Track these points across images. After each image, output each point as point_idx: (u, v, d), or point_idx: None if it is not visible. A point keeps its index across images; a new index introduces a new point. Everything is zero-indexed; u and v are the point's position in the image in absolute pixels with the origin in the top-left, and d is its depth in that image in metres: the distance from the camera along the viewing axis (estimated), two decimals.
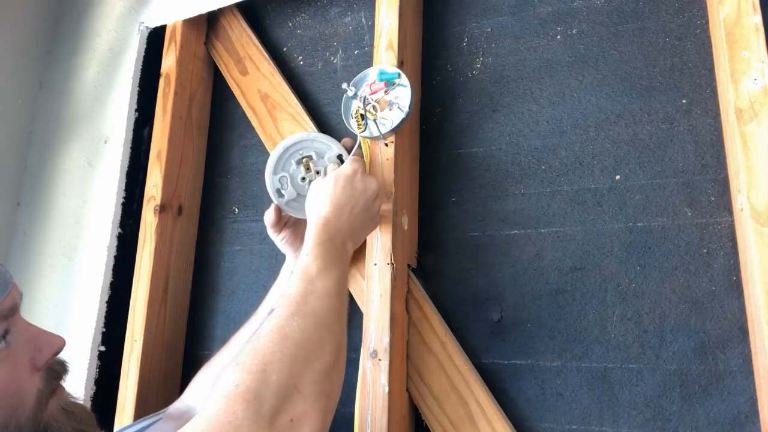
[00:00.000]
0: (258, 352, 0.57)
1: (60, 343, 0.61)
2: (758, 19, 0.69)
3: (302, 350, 0.58)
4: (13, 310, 0.58)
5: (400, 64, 0.87)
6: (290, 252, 0.90)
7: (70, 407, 0.62)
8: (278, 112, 1.03)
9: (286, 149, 0.87)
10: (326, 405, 0.57)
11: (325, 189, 0.77)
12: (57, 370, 0.61)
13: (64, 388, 0.62)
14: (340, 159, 0.88)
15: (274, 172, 0.87)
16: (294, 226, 0.89)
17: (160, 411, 0.85)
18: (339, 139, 1.00)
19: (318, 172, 0.88)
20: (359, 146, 0.85)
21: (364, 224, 0.78)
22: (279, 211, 0.87)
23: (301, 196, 0.86)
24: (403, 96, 0.84)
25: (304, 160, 0.88)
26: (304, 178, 0.87)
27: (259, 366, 0.55)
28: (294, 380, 0.55)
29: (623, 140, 0.81)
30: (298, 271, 0.67)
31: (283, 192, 0.87)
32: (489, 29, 0.94)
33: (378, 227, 0.82)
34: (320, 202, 0.76)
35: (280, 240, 0.89)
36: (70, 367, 0.63)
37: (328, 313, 0.64)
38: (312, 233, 0.72)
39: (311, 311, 0.62)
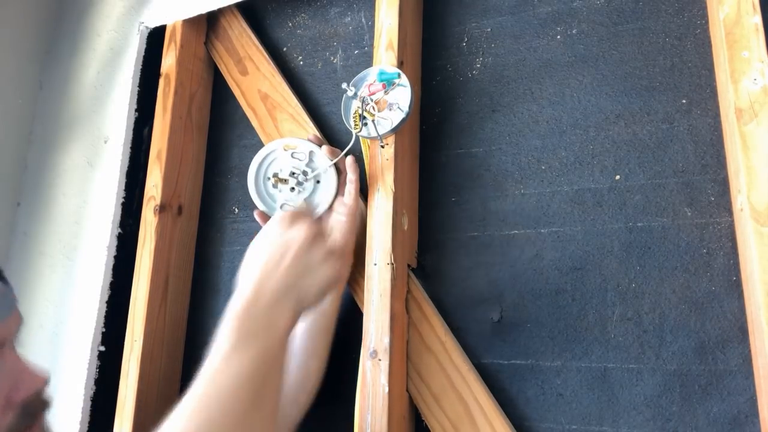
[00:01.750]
0: None
1: (40, 384, 0.57)
2: (758, 19, 0.69)
3: None
4: (2, 343, 0.54)
5: (400, 64, 0.87)
6: None
7: None
8: (278, 112, 1.03)
9: (258, 192, 0.85)
10: None
11: (250, 249, 0.69)
12: (33, 409, 0.56)
13: (39, 427, 0.57)
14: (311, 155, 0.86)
15: (280, 207, 0.85)
16: None
17: None
18: (336, 141, 1.00)
19: (293, 173, 0.86)
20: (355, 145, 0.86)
21: (305, 277, 0.66)
22: (263, 215, 0.86)
23: (308, 199, 0.86)
24: (402, 96, 0.84)
25: (273, 180, 0.86)
26: (293, 188, 0.86)
27: None
28: None
29: (623, 140, 0.81)
30: (215, 344, 0.59)
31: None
32: (489, 29, 0.94)
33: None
34: (244, 265, 0.67)
35: None
36: (53, 401, 0.58)
37: (235, 405, 0.54)
38: (230, 303, 0.63)
39: (216, 406, 0.54)
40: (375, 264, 0.81)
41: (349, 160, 0.84)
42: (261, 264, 0.64)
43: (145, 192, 1.05)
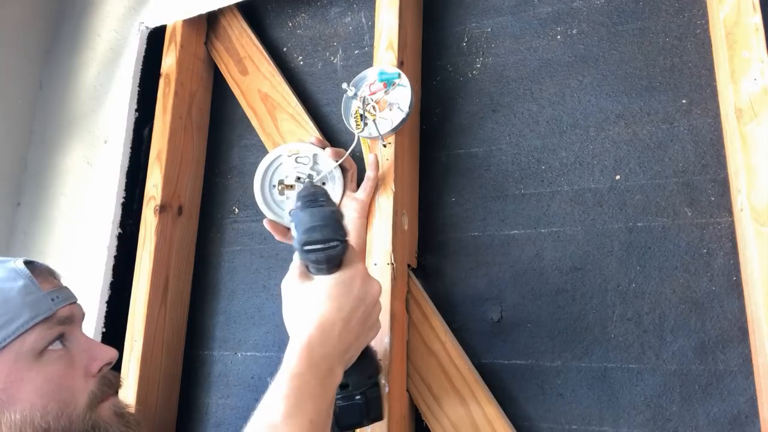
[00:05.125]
0: None
1: (113, 355, 0.69)
2: (758, 19, 0.69)
3: None
4: (71, 320, 0.67)
5: (400, 65, 0.87)
6: None
7: (122, 411, 0.69)
8: (278, 112, 1.03)
9: (265, 201, 0.85)
10: None
11: (313, 300, 0.63)
12: (111, 380, 0.69)
13: (117, 398, 0.69)
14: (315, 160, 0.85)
15: (289, 214, 0.84)
16: None
17: None
18: (336, 141, 1.00)
19: (299, 178, 0.85)
20: (358, 146, 0.85)
21: (359, 337, 0.64)
22: (274, 224, 0.85)
23: None
24: (402, 96, 0.84)
25: (280, 188, 0.85)
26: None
27: None
28: None
29: (623, 140, 0.81)
30: (264, 406, 0.56)
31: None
32: (489, 29, 0.94)
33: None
34: (305, 318, 0.62)
35: None
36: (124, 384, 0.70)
37: None
38: (292, 358, 0.59)
39: None
40: (375, 264, 0.81)
41: (371, 158, 0.83)
42: (330, 321, 0.61)
43: (145, 192, 1.05)
